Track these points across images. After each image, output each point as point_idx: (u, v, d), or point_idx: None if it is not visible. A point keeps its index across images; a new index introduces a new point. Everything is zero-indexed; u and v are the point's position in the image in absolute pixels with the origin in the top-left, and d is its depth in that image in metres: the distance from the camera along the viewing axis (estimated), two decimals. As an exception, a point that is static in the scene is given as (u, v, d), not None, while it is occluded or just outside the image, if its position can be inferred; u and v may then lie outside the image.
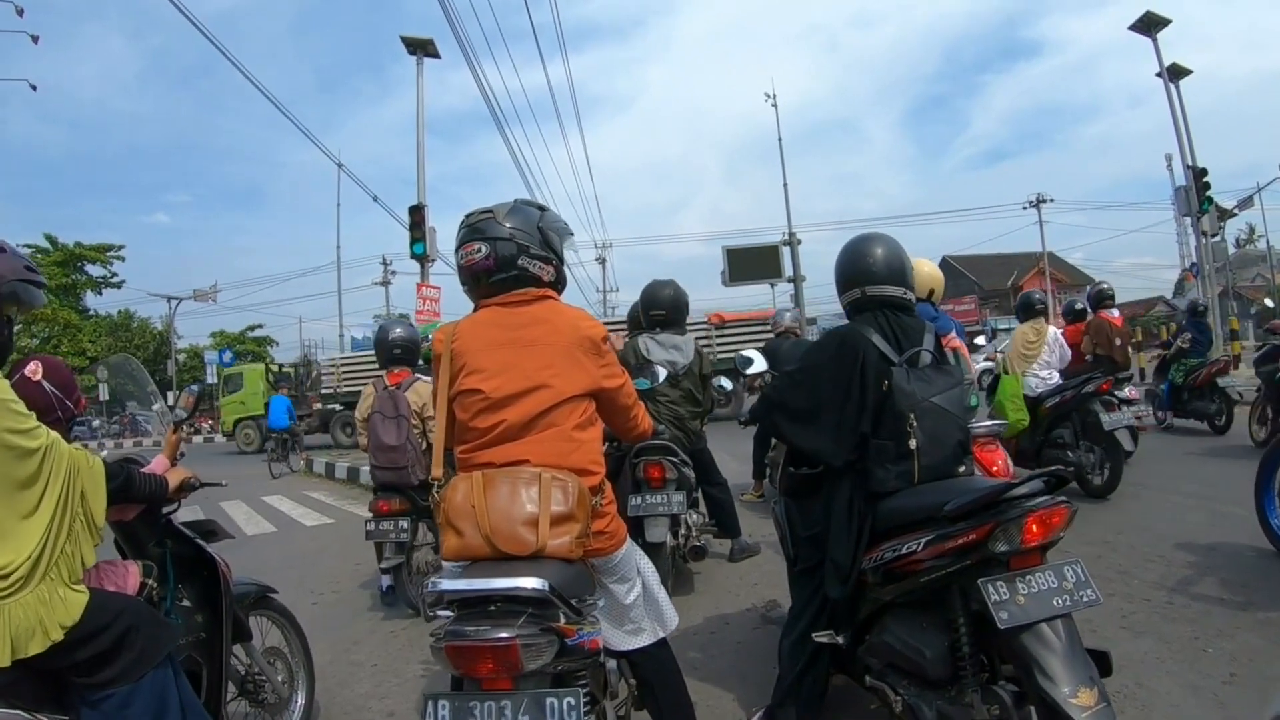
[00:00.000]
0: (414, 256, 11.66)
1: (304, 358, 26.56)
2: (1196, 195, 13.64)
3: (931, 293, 3.98)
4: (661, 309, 4.43)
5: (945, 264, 54.57)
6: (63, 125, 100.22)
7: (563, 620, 1.71)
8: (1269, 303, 10.92)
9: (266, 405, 16.24)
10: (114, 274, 48.52)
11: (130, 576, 2.04)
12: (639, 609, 2.11)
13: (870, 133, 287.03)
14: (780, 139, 29.75)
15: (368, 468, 10.53)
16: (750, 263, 25.28)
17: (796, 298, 26.68)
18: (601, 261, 46.07)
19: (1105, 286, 7.97)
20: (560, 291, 2.17)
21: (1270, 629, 3.08)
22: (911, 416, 2.18)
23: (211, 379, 42.09)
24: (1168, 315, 44.12)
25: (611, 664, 2.07)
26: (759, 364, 3.46)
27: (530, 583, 1.65)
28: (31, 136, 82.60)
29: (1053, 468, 1.95)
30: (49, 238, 44.29)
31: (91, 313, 48.93)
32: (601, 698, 1.98)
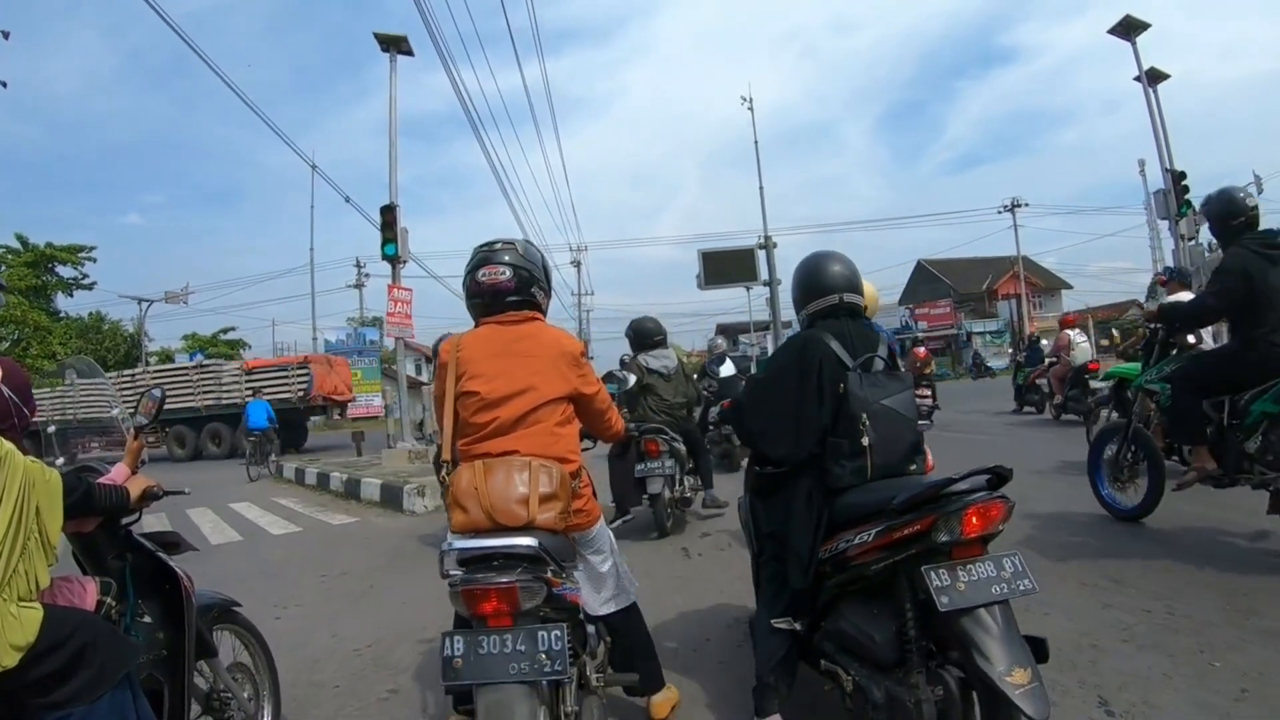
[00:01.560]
0: (385, 258, 11.39)
1: None
2: (1175, 198, 13.68)
3: (865, 308, 4.13)
4: (649, 335, 6.22)
5: (920, 267, 54.87)
6: (36, 123, 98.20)
7: (549, 573, 2.06)
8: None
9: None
10: (85, 275, 47.47)
11: (88, 594, 1.94)
12: (612, 577, 2.56)
13: (847, 138, 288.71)
14: (756, 142, 29.92)
15: (338, 474, 10.41)
16: (726, 266, 25.35)
17: (772, 301, 26.57)
18: (577, 265, 46.01)
19: (917, 335, 13.74)
20: (545, 314, 2.58)
21: (1279, 641, 2.95)
22: (864, 417, 2.36)
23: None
24: (1139, 319, 44.95)
25: (591, 628, 2.43)
26: (729, 367, 4.90)
27: (525, 541, 2.03)
28: (3, 135, 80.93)
29: (994, 466, 2.06)
30: (20, 237, 43.24)
31: (62, 315, 47.93)
32: (582, 653, 2.25)
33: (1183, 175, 13.83)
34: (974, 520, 1.96)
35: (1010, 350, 43.42)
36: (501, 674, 1.86)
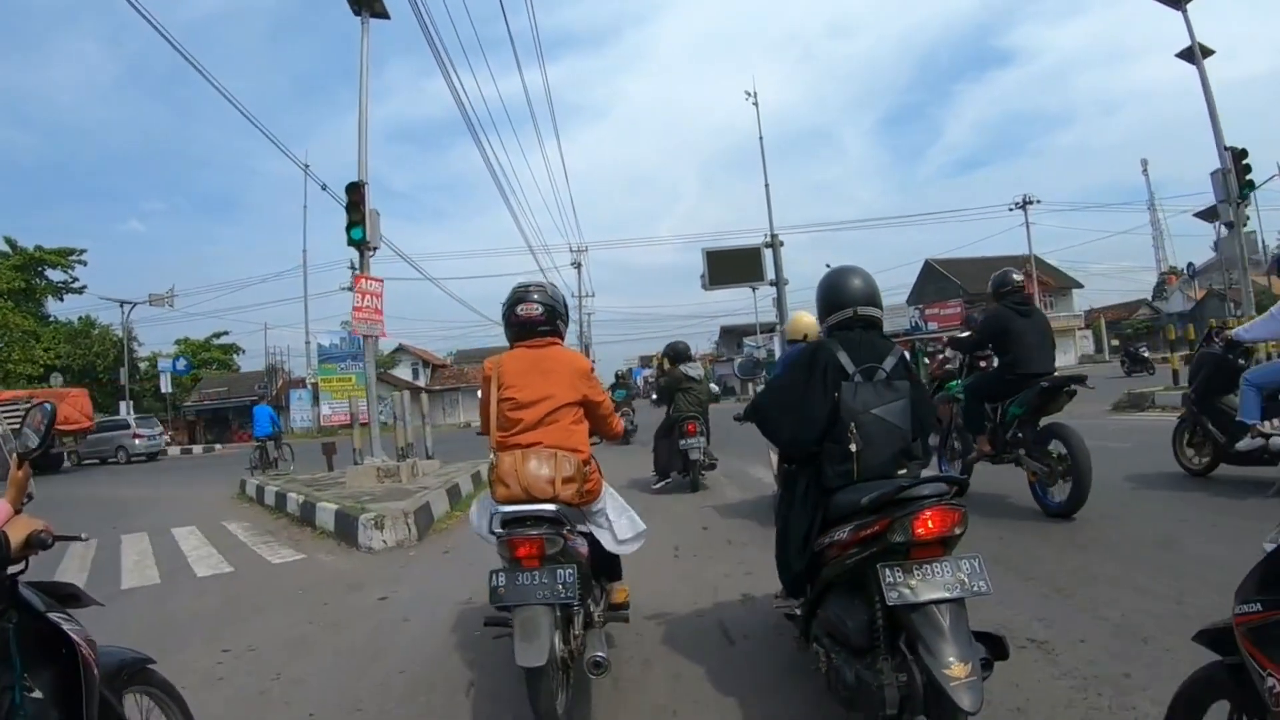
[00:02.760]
0: (351, 242, 9.98)
1: None
2: (1236, 178, 12.28)
3: (805, 336, 5.64)
4: (684, 353, 9.14)
5: (928, 267, 53.74)
6: (34, 131, 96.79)
7: (565, 531, 2.85)
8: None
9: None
10: (75, 279, 46.46)
11: None
12: (609, 530, 3.33)
13: (845, 142, 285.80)
14: (761, 138, 28.94)
15: (295, 495, 9.13)
16: (731, 266, 24.49)
17: (779, 301, 25.35)
18: (577, 266, 44.90)
19: (926, 345, 12.69)
20: (563, 339, 3.44)
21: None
22: (852, 424, 2.62)
23: (166, 389, 40.13)
24: (1152, 318, 43.65)
25: (594, 582, 3.21)
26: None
27: (549, 507, 2.85)
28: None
29: (948, 474, 2.72)
30: (8, 240, 42.42)
31: (52, 319, 46.75)
32: (589, 598, 3.02)
33: (1244, 153, 12.44)
34: (928, 524, 2.18)
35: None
36: (532, 598, 2.62)
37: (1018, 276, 6.09)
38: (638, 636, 3.73)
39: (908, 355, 2.91)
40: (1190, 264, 33.80)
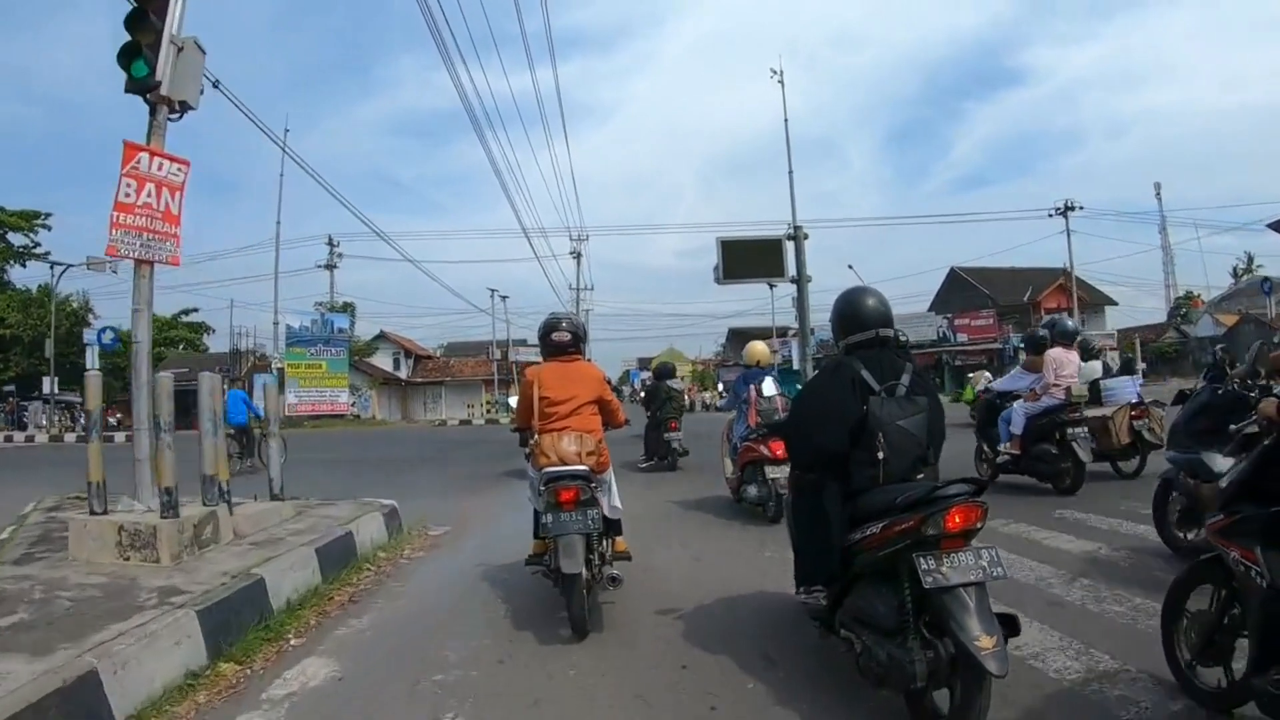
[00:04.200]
0: (131, 86, 5.35)
1: None
2: None
3: (758, 362, 8.18)
4: (669, 372, 13.17)
5: (954, 275, 49.97)
6: (36, 107, 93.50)
7: (591, 485, 4.17)
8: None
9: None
10: (37, 243, 43.76)
11: None
12: (613, 497, 4.58)
13: (848, 154, 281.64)
14: (786, 120, 25.52)
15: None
16: (748, 258, 21.07)
17: (800, 300, 22.19)
18: (577, 256, 41.94)
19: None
20: (583, 354, 4.96)
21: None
22: (880, 435, 2.94)
23: (92, 364, 35.91)
24: (1179, 341, 40.39)
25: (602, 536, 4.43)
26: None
27: (580, 468, 4.19)
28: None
29: (972, 476, 3.03)
30: (-35, 201, 39.15)
31: (10, 286, 44.03)
32: (601, 545, 4.33)
33: None
34: (956, 519, 2.53)
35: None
36: (570, 529, 3.94)
37: (903, 338, 8.36)
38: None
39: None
40: (1266, 279, 30.27)
